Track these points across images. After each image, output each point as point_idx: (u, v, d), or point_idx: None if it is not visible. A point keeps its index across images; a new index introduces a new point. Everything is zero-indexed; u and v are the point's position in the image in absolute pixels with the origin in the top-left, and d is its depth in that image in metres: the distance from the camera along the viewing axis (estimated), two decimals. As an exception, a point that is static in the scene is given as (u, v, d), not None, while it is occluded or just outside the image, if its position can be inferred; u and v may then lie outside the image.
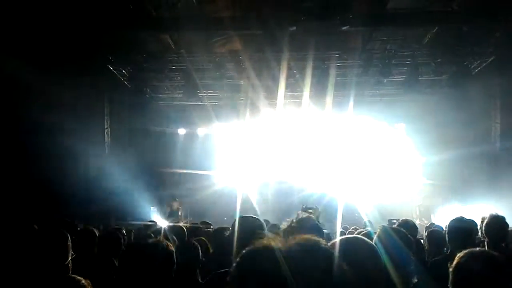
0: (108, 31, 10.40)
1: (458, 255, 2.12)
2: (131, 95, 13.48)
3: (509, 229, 4.25)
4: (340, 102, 13.50)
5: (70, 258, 3.08)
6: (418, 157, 14.22)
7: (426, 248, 4.97)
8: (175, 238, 4.54)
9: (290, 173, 15.34)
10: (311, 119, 14.45)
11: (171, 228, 5.49)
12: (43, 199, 9.17)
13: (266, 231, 3.21)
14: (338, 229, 8.01)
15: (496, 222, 4.04)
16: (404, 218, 5.49)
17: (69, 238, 3.15)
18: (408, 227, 4.31)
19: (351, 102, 13.37)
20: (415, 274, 2.88)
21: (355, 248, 1.95)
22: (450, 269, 2.10)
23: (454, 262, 2.10)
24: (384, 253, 2.04)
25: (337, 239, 2.14)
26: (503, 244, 4.06)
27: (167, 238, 4.09)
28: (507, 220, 4.09)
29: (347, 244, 1.99)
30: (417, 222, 8.42)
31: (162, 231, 5.10)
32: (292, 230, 3.18)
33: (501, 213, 4.16)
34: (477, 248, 2.14)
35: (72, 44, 10.01)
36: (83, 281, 2.29)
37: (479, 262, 2.04)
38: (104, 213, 10.35)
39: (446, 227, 4.40)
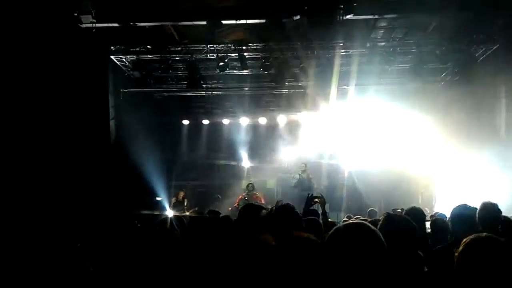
0: (111, 22, 10.38)
1: (463, 240, 2.13)
2: (135, 86, 13.49)
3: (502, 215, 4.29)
4: (344, 91, 13.46)
5: (78, 244, 3.13)
6: (422, 144, 14.16)
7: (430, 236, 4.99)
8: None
9: (295, 164, 15.34)
10: (316, 108, 14.43)
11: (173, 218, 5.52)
12: (48, 191, 9.21)
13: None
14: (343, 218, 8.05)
15: (486, 208, 4.12)
16: (408, 206, 5.49)
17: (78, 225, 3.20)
18: (414, 214, 4.33)
19: (355, 91, 13.35)
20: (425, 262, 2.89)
21: (357, 234, 1.95)
22: (456, 254, 2.11)
23: (460, 248, 2.10)
24: (388, 240, 2.03)
25: (340, 225, 2.15)
26: (498, 230, 4.10)
27: (173, 228, 4.13)
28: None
29: (349, 230, 1.99)
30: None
31: (169, 221, 5.14)
32: (272, 218, 3.19)
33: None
34: (483, 234, 2.14)
35: (75, 36, 10.00)
36: (91, 268, 2.33)
37: (484, 246, 2.05)
38: (110, 203, 10.40)
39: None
